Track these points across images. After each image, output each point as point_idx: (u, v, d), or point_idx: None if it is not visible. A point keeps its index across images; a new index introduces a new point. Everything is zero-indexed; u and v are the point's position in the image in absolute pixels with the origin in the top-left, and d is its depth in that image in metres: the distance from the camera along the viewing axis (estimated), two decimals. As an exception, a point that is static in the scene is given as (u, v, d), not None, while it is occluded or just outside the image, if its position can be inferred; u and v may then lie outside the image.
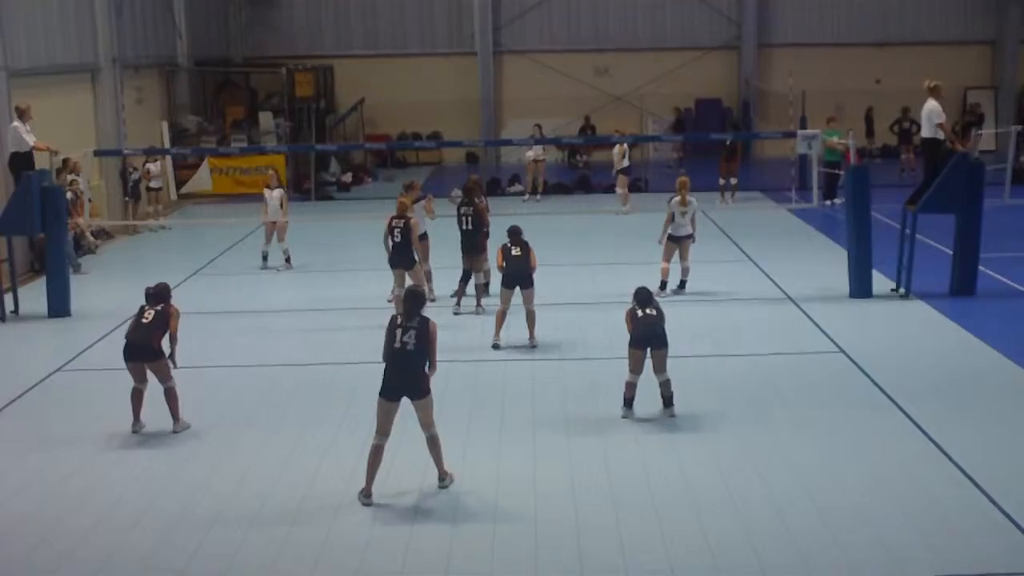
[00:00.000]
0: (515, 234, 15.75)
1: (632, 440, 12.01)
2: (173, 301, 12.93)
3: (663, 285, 18.25)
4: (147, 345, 12.50)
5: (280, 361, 15.32)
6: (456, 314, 17.33)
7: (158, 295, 12.80)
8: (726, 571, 9.11)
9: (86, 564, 9.49)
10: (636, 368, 12.69)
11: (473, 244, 17.54)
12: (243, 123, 33.78)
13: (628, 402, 12.75)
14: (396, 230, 16.72)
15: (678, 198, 18.22)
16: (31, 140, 19.07)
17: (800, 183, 28.02)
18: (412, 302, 10.79)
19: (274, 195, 21.57)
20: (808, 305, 17.67)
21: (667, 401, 12.76)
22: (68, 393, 14.29)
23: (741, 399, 13.25)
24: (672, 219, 18.23)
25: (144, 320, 12.59)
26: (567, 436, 12.16)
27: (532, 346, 15.61)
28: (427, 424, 10.80)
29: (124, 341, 12.69)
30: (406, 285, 15.97)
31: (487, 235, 17.79)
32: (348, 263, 21.98)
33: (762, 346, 15.52)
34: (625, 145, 27.46)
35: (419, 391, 10.66)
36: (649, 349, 12.60)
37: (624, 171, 27.37)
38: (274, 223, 21.56)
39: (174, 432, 12.51)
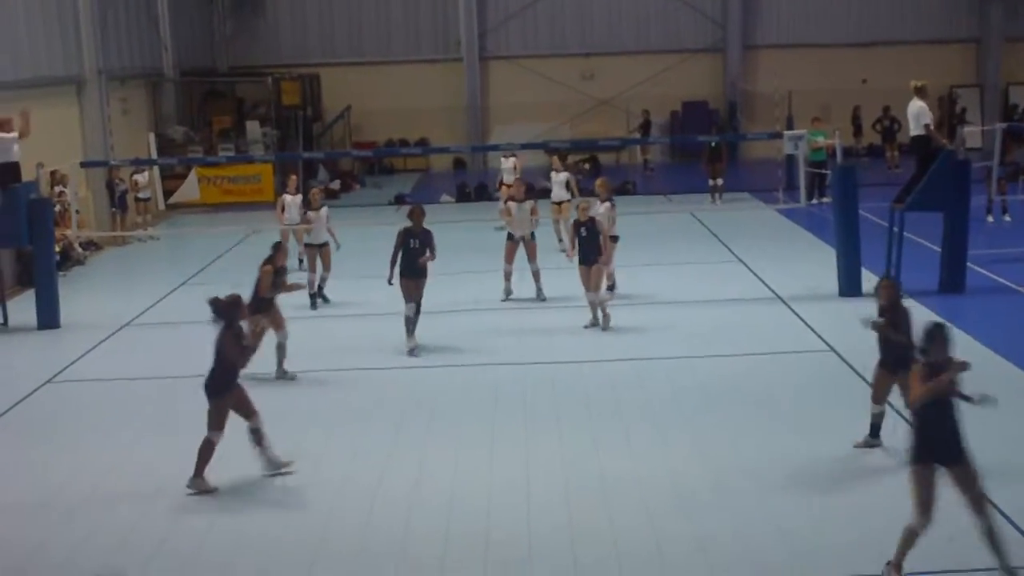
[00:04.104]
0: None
1: (623, 439, 12.01)
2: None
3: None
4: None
5: (269, 370, 15.28)
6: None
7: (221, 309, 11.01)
8: (719, 570, 9.12)
9: (81, 573, 9.50)
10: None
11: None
12: (230, 132, 33.76)
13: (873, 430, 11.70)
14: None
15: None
16: (16, 135, 18.25)
17: (787, 183, 28.06)
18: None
19: (321, 213, 18.59)
20: (798, 304, 17.70)
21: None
22: (58, 405, 14.26)
23: (732, 398, 13.25)
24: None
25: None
26: (559, 435, 12.12)
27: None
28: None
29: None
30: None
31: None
32: (337, 271, 21.89)
33: (752, 346, 15.53)
34: (515, 157, 24.92)
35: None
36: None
37: (507, 185, 23.18)
38: (323, 245, 18.60)
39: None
